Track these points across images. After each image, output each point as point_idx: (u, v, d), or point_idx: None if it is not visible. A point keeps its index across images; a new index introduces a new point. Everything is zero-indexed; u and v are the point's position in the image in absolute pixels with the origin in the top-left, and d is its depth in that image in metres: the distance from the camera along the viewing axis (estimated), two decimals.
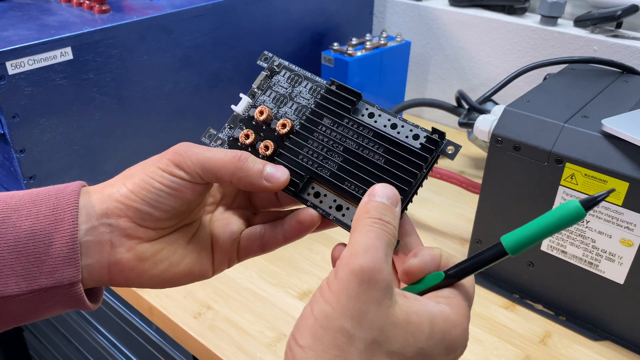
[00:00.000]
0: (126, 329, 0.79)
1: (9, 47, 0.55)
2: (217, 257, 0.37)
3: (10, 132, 0.58)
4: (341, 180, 0.35)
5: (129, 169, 0.35)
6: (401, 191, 0.34)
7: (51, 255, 0.31)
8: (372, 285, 0.27)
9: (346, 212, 0.35)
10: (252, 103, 0.39)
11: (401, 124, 0.35)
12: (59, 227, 0.31)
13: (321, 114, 0.37)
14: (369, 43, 0.87)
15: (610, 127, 0.51)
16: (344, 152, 0.35)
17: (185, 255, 0.36)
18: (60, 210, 0.31)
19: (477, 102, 0.78)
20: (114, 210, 0.33)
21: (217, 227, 0.38)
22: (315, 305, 0.27)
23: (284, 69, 0.39)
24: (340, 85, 0.37)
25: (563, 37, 0.84)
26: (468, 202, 0.78)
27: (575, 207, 0.27)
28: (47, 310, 0.33)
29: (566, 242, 0.56)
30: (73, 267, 0.31)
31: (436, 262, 0.31)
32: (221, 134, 0.39)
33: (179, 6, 0.70)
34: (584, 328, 0.58)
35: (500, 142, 0.57)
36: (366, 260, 0.27)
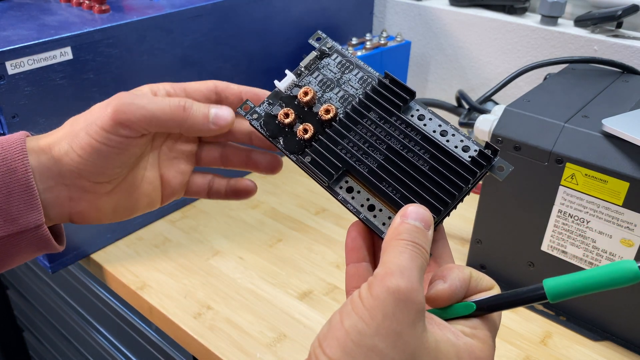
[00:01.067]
0: (126, 329, 0.79)
1: (9, 47, 0.55)
2: (165, 195, 0.38)
3: (10, 132, 0.58)
4: (379, 179, 0.33)
5: (72, 123, 0.34)
6: (442, 203, 0.32)
7: (12, 203, 0.32)
8: (409, 307, 0.26)
9: (378, 213, 0.33)
10: (297, 82, 0.37)
11: (452, 132, 0.34)
12: (14, 177, 0.32)
13: (369, 106, 0.35)
14: (369, 43, 0.87)
15: (611, 127, 0.51)
16: (386, 150, 0.33)
17: (138, 198, 0.37)
18: (11, 160, 0.32)
19: (477, 102, 0.78)
20: (67, 173, 0.34)
21: (166, 167, 0.38)
22: (347, 318, 0.26)
23: (335, 53, 0.37)
24: (394, 79, 0.35)
25: (563, 37, 0.84)
26: (468, 202, 0.78)
27: (631, 270, 0.25)
28: (17, 256, 0.34)
29: (566, 242, 0.56)
30: (35, 212, 0.33)
31: (465, 286, 0.30)
32: (258, 109, 0.37)
33: (179, 6, 0.70)
34: (584, 328, 0.58)
35: (501, 142, 0.57)
36: (403, 280, 0.26)
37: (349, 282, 0.33)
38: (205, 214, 0.77)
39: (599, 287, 0.26)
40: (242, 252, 0.70)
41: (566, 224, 0.55)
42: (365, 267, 0.33)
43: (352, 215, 0.34)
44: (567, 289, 0.27)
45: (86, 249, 0.69)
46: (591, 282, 0.26)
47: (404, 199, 0.32)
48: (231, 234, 0.73)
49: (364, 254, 0.34)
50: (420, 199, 0.32)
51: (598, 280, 0.26)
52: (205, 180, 0.39)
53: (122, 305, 0.77)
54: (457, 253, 0.69)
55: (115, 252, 0.70)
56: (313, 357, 0.27)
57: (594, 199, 0.53)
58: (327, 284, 0.65)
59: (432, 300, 0.30)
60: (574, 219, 0.55)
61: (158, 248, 0.71)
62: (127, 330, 0.79)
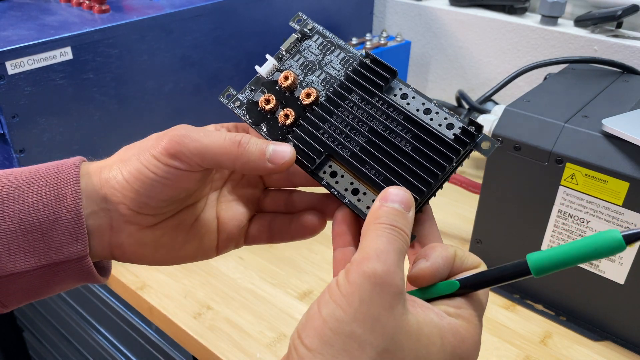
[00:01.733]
0: (126, 329, 0.79)
1: (9, 47, 0.55)
2: (222, 241, 0.36)
3: (10, 132, 0.58)
4: (362, 162, 0.32)
5: (126, 150, 0.33)
6: (425, 184, 0.32)
7: (58, 230, 0.31)
8: (386, 290, 0.25)
9: (362, 197, 0.32)
10: (278, 66, 0.36)
11: (435, 110, 0.33)
12: (63, 203, 0.31)
13: (350, 87, 0.34)
14: (369, 43, 0.87)
15: (611, 127, 0.51)
16: (368, 133, 0.33)
17: (187, 240, 0.35)
18: (62, 186, 0.31)
19: (477, 102, 0.78)
20: (111, 197, 0.32)
21: (224, 209, 0.36)
22: (324, 306, 0.26)
23: (317, 34, 0.36)
24: (375, 59, 0.34)
25: (563, 37, 0.84)
26: (468, 202, 0.78)
27: (615, 238, 0.24)
28: (57, 285, 0.33)
29: (567, 242, 0.56)
30: (81, 242, 0.31)
31: (449, 264, 0.29)
32: (240, 96, 0.36)
33: (179, 6, 0.70)
34: (584, 328, 0.58)
35: (501, 142, 0.57)
36: (379, 264, 0.26)
37: (336, 267, 0.33)
38: None
39: (584, 258, 0.25)
40: (242, 252, 0.70)
41: (566, 224, 0.55)
42: (352, 251, 0.33)
43: None
44: (550, 262, 0.26)
45: None
46: (575, 253, 0.26)
47: (387, 181, 0.32)
48: None
49: (349, 239, 0.33)
50: (403, 180, 0.32)
51: (582, 252, 0.25)
52: (265, 222, 0.37)
53: (122, 305, 0.77)
54: None
55: None
56: (292, 349, 0.26)
57: (594, 199, 0.53)
58: (327, 284, 0.65)
59: (414, 279, 0.29)
60: (574, 219, 0.55)
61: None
62: (127, 330, 0.79)
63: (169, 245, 0.35)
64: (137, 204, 0.32)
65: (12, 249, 0.30)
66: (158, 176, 0.31)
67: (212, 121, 0.48)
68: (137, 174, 0.32)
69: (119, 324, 0.80)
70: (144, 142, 0.33)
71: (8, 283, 0.31)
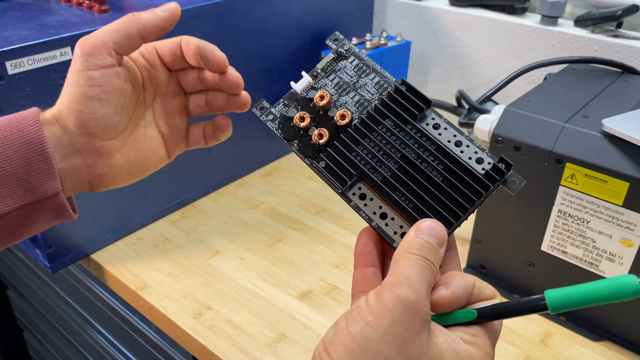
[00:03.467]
0: (126, 329, 0.79)
1: (9, 47, 0.55)
2: (169, 148, 0.41)
3: None
4: (392, 188, 0.33)
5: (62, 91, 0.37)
6: (454, 216, 0.32)
7: (31, 173, 0.34)
8: (415, 315, 0.26)
9: (390, 222, 0.33)
10: (313, 84, 0.37)
11: (466, 144, 0.34)
12: (31, 147, 0.34)
13: (384, 113, 0.35)
14: (369, 43, 0.87)
15: (611, 127, 0.51)
16: (400, 159, 0.34)
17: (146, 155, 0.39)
18: (27, 133, 0.34)
19: (477, 102, 0.78)
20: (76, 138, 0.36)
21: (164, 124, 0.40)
22: (353, 323, 0.27)
23: (352, 56, 0.37)
24: (410, 87, 0.35)
25: (563, 37, 0.84)
26: None
27: (632, 284, 0.25)
28: (35, 224, 0.36)
29: (566, 242, 0.56)
30: (53, 180, 0.35)
31: (468, 293, 0.30)
32: (274, 110, 0.37)
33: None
34: (584, 328, 0.58)
35: (501, 142, 0.57)
36: (411, 290, 0.27)
37: (355, 285, 0.34)
38: (205, 214, 0.77)
39: (600, 300, 0.27)
40: (242, 252, 0.70)
41: (566, 224, 0.55)
42: (373, 273, 0.34)
43: (353, 216, 0.34)
44: (568, 301, 0.27)
45: (86, 249, 0.69)
46: (592, 295, 0.27)
47: (416, 209, 0.33)
48: (231, 234, 0.73)
49: (372, 259, 0.34)
50: (433, 210, 0.33)
51: (599, 294, 0.26)
52: (200, 129, 0.42)
53: (122, 305, 0.77)
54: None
55: (115, 252, 0.70)
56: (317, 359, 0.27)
57: (594, 199, 0.53)
58: (327, 284, 0.65)
59: (434, 305, 0.30)
60: (574, 219, 0.55)
61: (158, 248, 0.71)
62: (127, 330, 0.79)
63: (136, 163, 0.39)
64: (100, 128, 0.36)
65: None
66: (94, 86, 0.35)
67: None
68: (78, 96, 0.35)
69: (119, 324, 0.80)
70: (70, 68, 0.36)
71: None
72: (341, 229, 0.74)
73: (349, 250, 0.70)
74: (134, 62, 0.39)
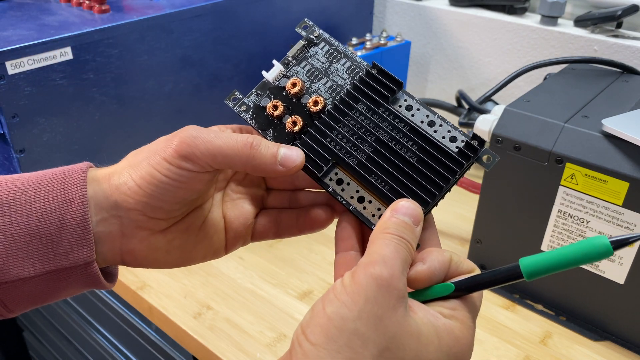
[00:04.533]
0: (126, 329, 0.79)
1: (9, 47, 0.55)
2: (230, 239, 0.37)
3: (10, 132, 0.58)
4: (368, 172, 0.33)
5: (135, 155, 0.33)
6: (430, 195, 0.33)
7: (64, 236, 0.31)
8: (390, 292, 0.27)
9: (368, 205, 0.33)
10: (284, 72, 0.36)
11: (439, 123, 0.34)
12: (69, 208, 0.31)
13: (357, 97, 0.35)
14: (369, 43, 0.87)
15: (611, 127, 0.51)
16: (375, 142, 0.34)
17: (197, 241, 0.35)
18: (69, 191, 0.31)
19: (477, 102, 0.78)
20: (123, 203, 0.32)
21: (230, 208, 0.36)
22: (329, 305, 0.27)
23: (323, 42, 0.37)
24: (382, 70, 0.35)
25: (563, 37, 0.84)
26: (468, 202, 0.78)
27: (603, 245, 0.26)
28: (64, 290, 0.32)
29: (566, 242, 0.56)
30: (87, 248, 0.31)
31: (445, 268, 0.30)
32: (247, 100, 0.36)
33: (179, 6, 0.70)
34: (584, 328, 0.58)
35: (501, 142, 0.57)
36: (385, 268, 0.27)
37: (337, 270, 0.33)
38: None
39: (573, 263, 0.27)
40: (242, 252, 0.70)
41: (566, 224, 0.55)
42: (354, 256, 0.33)
43: None
44: (542, 266, 0.28)
45: None
46: (566, 258, 0.27)
47: (392, 191, 0.33)
48: None
49: (352, 243, 0.34)
50: (409, 191, 0.33)
51: (572, 257, 0.27)
52: (271, 217, 0.37)
53: (122, 305, 0.77)
54: (457, 253, 0.69)
55: None
56: (296, 344, 0.27)
57: (593, 199, 0.53)
58: (327, 284, 0.65)
59: (412, 281, 0.30)
60: (573, 219, 0.55)
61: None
62: (127, 330, 0.79)
63: (180, 247, 0.35)
64: (150, 208, 0.32)
65: (18, 254, 0.30)
66: (170, 179, 0.31)
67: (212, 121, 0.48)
68: (149, 177, 0.31)
69: (119, 324, 0.80)
70: (153, 145, 0.33)
71: (14, 288, 0.31)
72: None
73: None
74: None
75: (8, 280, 0.30)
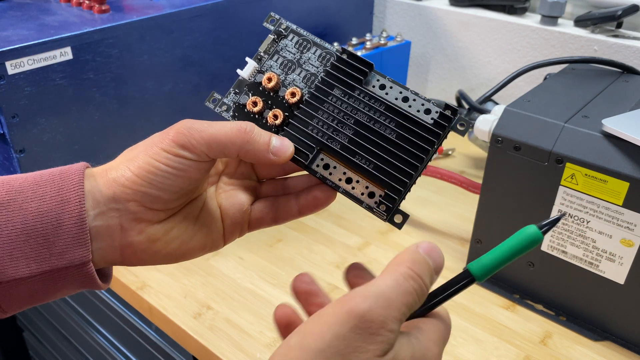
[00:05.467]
0: (126, 329, 0.79)
1: (9, 47, 0.55)
2: (227, 228, 0.37)
3: (10, 132, 0.58)
4: (352, 154, 0.34)
5: (130, 150, 0.34)
6: (412, 167, 0.34)
7: (60, 236, 0.31)
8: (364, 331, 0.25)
9: (356, 185, 0.35)
10: (258, 68, 0.37)
11: (413, 98, 0.35)
12: (66, 208, 0.31)
13: (332, 83, 0.36)
14: (369, 43, 0.87)
15: (611, 127, 0.51)
16: (355, 125, 0.35)
17: (195, 231, 0.36)
18: (66, 191, 0.31)
19: (477, 102, 0.78)
20: (121, 195, 0.32)
21: (225, 198, 0.37)
22: (296, 334, 0.26)
23: (291, 33, 0.38)
24: (351, 54, 0.36)
25: (563, 37, 0.84)
26: (468, 202, 0.78)
27: (533, 233, 0.29)
28: (59, 291, 0.32)
29: (566, 242, 0.56)
30: (83, 247, 0.31)
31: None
32: (226, 99, 0.37)
33: (179, 6, 0.70)
34: (584, 328, 0.58)
35: (501, 142, 0.57)
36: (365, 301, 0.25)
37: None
38: None
39: (514, 255, 0.29)
40: (242, 252, 0.70)
41: (566, 224, 0.55)
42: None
43: (353, 215, 0.34)
44: (489, 266, 0.29)
45: None
46: (506, 254, 0.29)
47: (377, 169, 0.34)
48: None
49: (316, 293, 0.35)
50: (392, 166, 0.34)
51: (511, 251, 0.29)
52: (267, 204, 0.37)
53: (122, 305, 0.77)
54: (457, 253, 0.69)
55: None
56: None
57: (594, 199, 0.53)
58: (327, 284, 0.65)
59: None
60: (574, 219, 0.55)
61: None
62: (127, 330, 0.79)
63: (179, 238, 0.35)
64: (149, 198, 0.32)
65: (14, 254, 0.30)
66: (169, 167, 0.32)
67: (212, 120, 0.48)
68: (147, 167, 0.32)
69: (119, 324, 0.80)
70: (148, 140, 0.33)
71: (9, 289, 0.31)
72: (341, 228, 0.74)
73: (349, 250, 0.70)
74: None
75: (3, 280, 0.30)
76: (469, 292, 0.63)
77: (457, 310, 0.61)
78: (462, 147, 0.92)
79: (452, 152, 0.90)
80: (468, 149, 0.92)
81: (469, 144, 0.89)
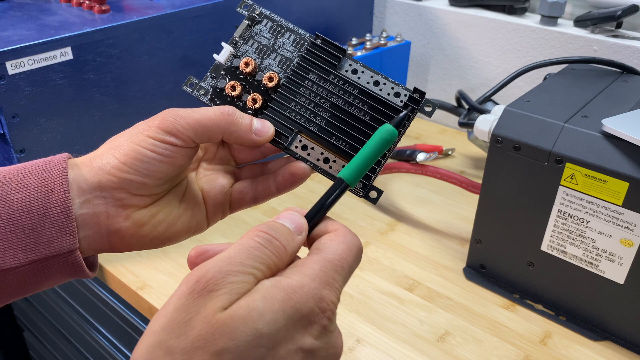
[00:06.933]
0: (126, 329, 0.79)
1: (9, 47, 0.55)
2: (210, 210, 0.38)
3: (10, 132, 0.58)
4: (329, 135, 0.36)
5: (115, 139, 0.34)
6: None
7: (47, 225, 0.31)
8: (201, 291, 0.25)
9: (333, 164, 0.36)
10: (234, 53, 0.38)
11: (383, 82, 0.37)
12: (51, 198, 0.31)
13: (307, 68, 0.37)
14: (369, 43, 0.87)
15: (610, 127, 0.51)
16: (330, 108, 0.37)
17: (180, 213, 0.37)
18: (50, 181, 0.32)
19: (477, 102, 0.78)
20: (106, 182, 0.33)
21: (206, 182, 0.38)
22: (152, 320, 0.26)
23: (265, 18, 0.39)
24: (325, 40, 0.37)
25: (563, 37, 0.84)
26: (468, 202, 0.78)
27: (387, 129, 0.32)
28: (47, 280, 0.33)
29: (566, 242, 0.56)
30: (70, 236, 0.32)
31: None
32: (203, 84, 0.39)
33: (179, 6, 0.70)
34: (584, 328, 0.58)
35: (500, 142, 0.57)
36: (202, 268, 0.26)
37: None
38: None
39: (375, 154, 0.32)
40: None
41: (566, 224, 0.55)
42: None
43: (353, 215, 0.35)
44: (356, 169, 0.32)
45: None
46: (368, 154, 0.32)
47: (353, 149, 0.36)
48: (231, 234, 0.73)
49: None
50: None
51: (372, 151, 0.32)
52: (246, 184, 0.38)
53: (122, 305, 0.77)
54: (457, 253, 0.69)
55: None
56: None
57: (593, 199, 0.53)
58: None
59: None
60: (573, 219, 0.55)
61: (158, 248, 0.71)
62: (127, 330, 0.79)
63: (164, 221, 0.36)
64: (134, 185, 0.33)
65: (1, 245, 0.30)
66: (155, 153, 0.33)
67: None
68: (134, 154, 0.33)
69: (119, 324, 0.80)
70: (133, 128, 0.34)
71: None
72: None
73: None
74: None
75: None
76: (469, 292, 0.63)
77: (457, 310, 0.61)
78: (462, 147, 0.92)
79: (452, 152, 0.90)
80: (468, 149, 0.92)
81: (469, 144, 0.89)
